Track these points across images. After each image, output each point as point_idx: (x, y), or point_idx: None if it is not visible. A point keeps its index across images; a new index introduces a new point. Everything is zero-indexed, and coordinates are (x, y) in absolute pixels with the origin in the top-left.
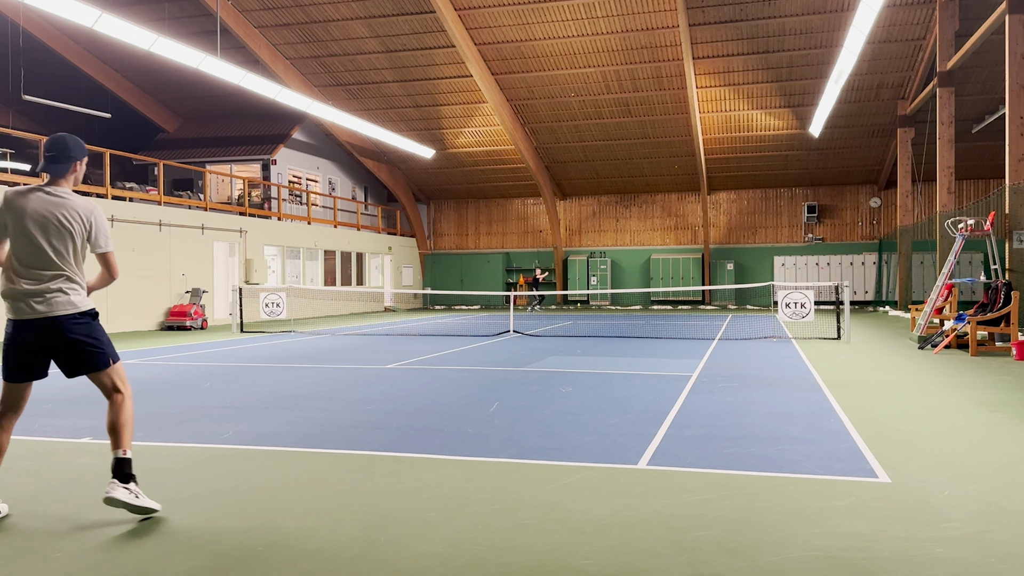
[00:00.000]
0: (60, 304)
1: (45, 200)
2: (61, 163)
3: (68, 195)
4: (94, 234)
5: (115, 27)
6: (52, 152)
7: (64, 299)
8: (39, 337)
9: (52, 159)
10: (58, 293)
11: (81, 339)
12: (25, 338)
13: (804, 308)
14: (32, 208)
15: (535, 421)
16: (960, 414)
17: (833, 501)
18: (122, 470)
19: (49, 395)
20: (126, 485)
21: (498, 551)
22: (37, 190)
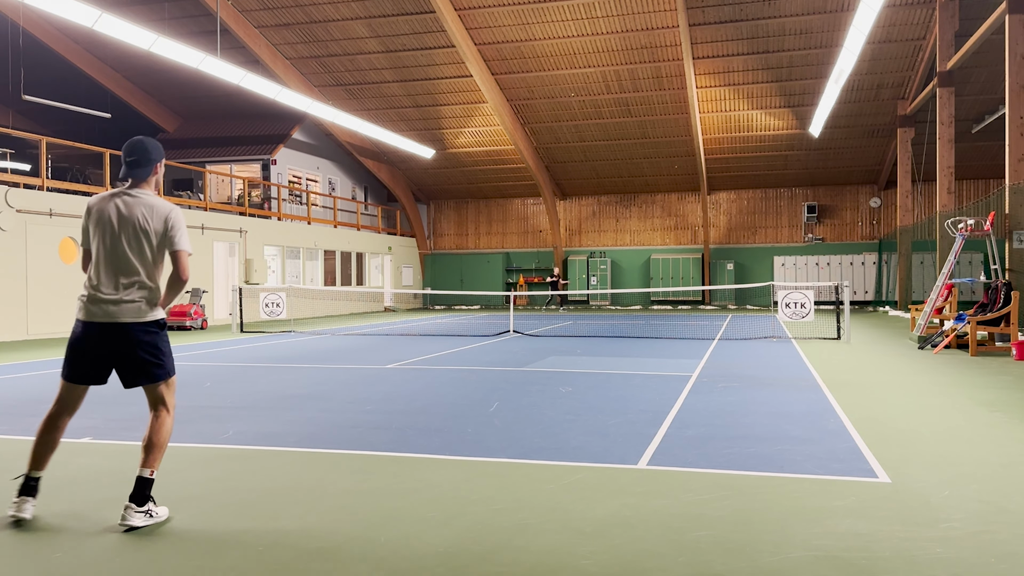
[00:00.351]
0: (131, 310)
1: (127, 204)
2: (143, 167)
3: (149, 197)
4: (171, 232)
5: (115, 27)
6: (134, 156)
7: (136, 306)
8: (104, 342)
9: (134, 163)
10: (132, 299)
11: (145, 349)
12: (90, 341)
13: (804, 308)
14: (114, 213)
15: (535, 421)
16: (960, 414)
17: (833, 501)
18: (142, 491)
19: (49, 395)
20: (142, 509)
21: (498, 551)
22: (119, 194)
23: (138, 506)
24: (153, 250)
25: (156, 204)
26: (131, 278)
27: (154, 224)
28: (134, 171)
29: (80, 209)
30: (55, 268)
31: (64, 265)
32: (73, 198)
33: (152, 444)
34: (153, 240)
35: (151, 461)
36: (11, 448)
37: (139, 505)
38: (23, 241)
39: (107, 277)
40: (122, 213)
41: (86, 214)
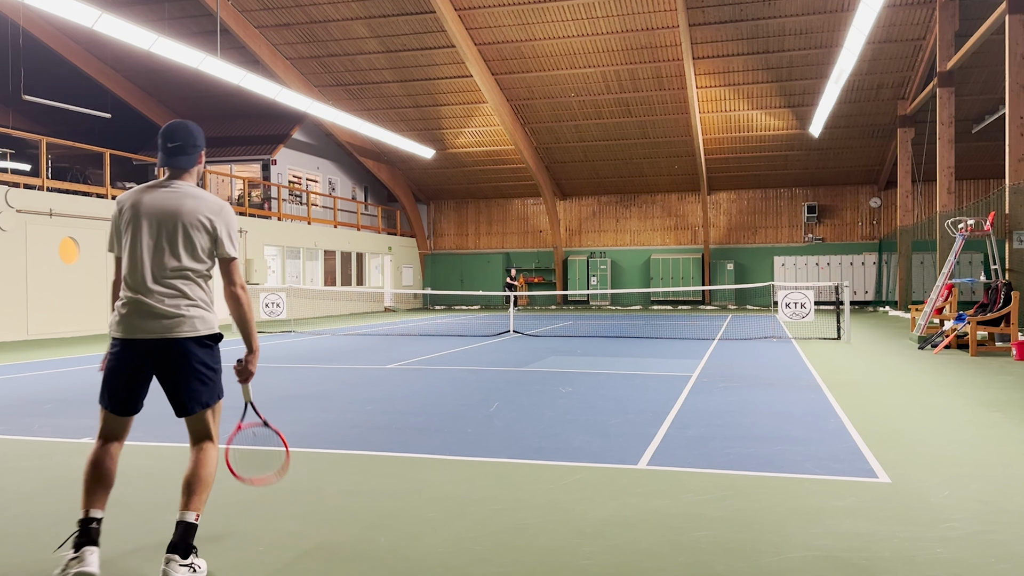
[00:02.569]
0: (182, 322)
1: (168, 198)
2: (188, 154)
3: (194, 191)
4: (221, 235)
5: (115, 27)
6: (177, 142)
7: (187, 317)
8: (152, 361)
9: (177, 150)
10: (181, 310)
11: (198, 368)
12: (133, 361)
13: (804, 308)
14: (153, 208)
15: (535, 421)
16: (960, 414)
17: (833, 501)
18: (185, 540)
19: (49, 395)
20: (186, 562)
21: (498, 551)
22: (158, 187)
23: (182, 558)
24: (204, 255)
25: (205, 197)
26: (177, 284)
27: (202, 220)
28: (176, 159)
29: (80, 209)
30: (55, 268)
31: (64, 265)
32: (73, 198)
33: (196, 481)
34: (205, 244)
35: (195, 503)
36: (11, 448)
37: (183, 557)
38: (23, 241)
39: (149, 285)
40: (163, 209)
41: (116, 213)
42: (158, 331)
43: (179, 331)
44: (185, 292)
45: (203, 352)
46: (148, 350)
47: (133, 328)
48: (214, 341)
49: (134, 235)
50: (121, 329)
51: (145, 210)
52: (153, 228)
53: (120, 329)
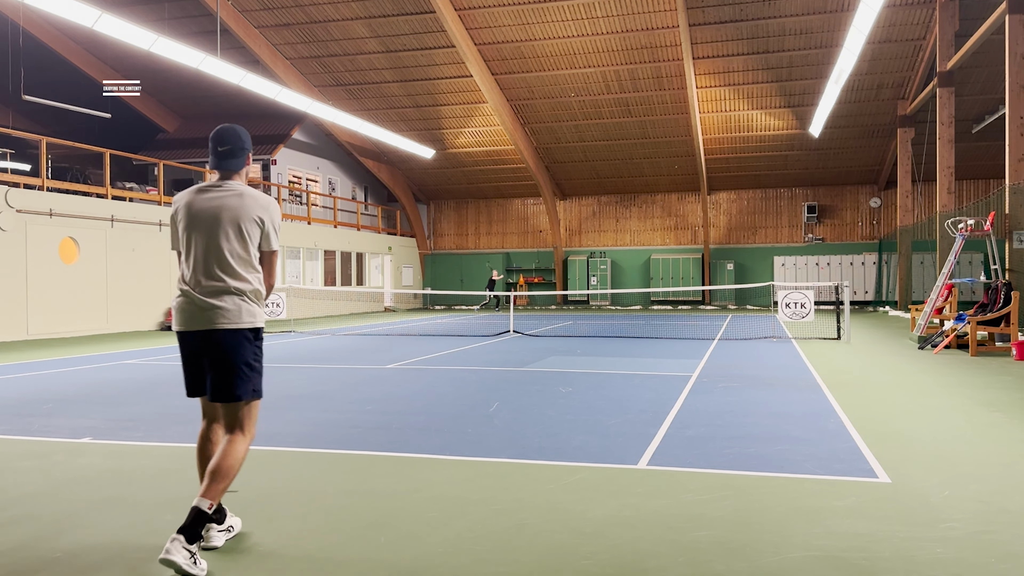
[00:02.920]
0: (227, 315)
1: (221, 198)
2: (237, 156)
3: (245, 189)
4: (267, 230)
5: (115, 27)
6: (227, 145)
7: (235, 311)
8: (202, 348)
9: (228, 153)
10: (231, 303)
11: (237, 360)
12: (188, 350)
13: (804, 308)
14: (206, 208)
15: (535, 421)
16: (960, 414)
17: (833, 501)
18: (195, 527)
19: (49, 395)
20: (189, 546)
21: (498, 551)
22: (211, 188)
23: (187, 541)
24: (252, 247)
25: (253, 196)
26: (226, 280)
27: (252, 215)
28: (226, 161)
29: (80, 209)
30: (55, 268)
31: (64, 265)
32: (73, 198)
33: (219, 469)
34: (254, 239)
35: (212, 491)
36: (11, 448)
37: (188, 541)
38: (23, 241)
39: (200, 280)
40: (216, 206)
41: (173, 213)
42: (204, 323)
43: (222, 323)
44: (232, 287)
45: (244, 345)
46: (198, 340)
47: (185, 321)
48: (256, 336)
49: (188, 234)
50: (176, 322)
51: (199, 210)
52: (206, 227)
53: (176, 322)
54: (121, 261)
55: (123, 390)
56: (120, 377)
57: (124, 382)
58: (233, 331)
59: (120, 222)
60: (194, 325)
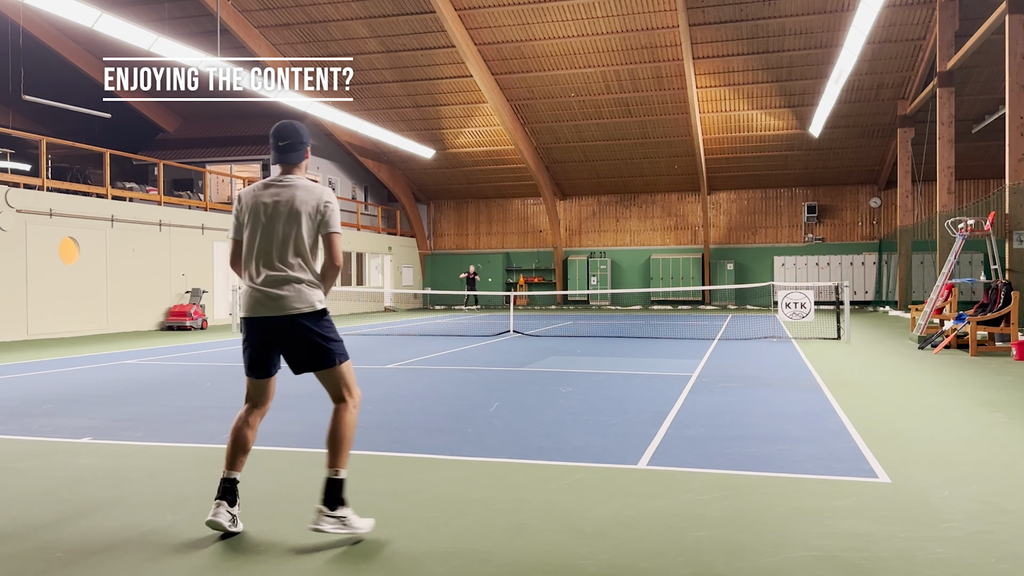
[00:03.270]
0: (294, 299)
1: (284, 192)
2: (297, 151)
3: (305, 182)
4: (328, 216)
5: (115, 27)
6: (286, 140)
7: (298, 295)
8: (271, 333)
9: (287, 148)
10: (295, 290)
11: (312, 336)
12: (259, 335)
13: (804, 308)
14: (270, 201)
15: (535, 421)
16: (960, 414)
17: (833, 501)
18: (333, 494)
19: (49, 395)
20: (333, 513)
21: (498, 551)
22: (273, 183)
23: (330, 509)
24: (312, 236)
25: (312, 187)
26: (292, 267)
27: (311, 205)
28: (287, 156)
29: (80, 209)
30: (55, 268)
31: (64, 265)
32: (73, 198)
33: (335, 439)
34: (311, 225)
35: (337, 460)
36: (11, 448)
37: (331, 509)
38: (23, 241)
39: (267, 268)
40: (279, 201)
41: (237, 203)
42: (275, 310)
43: (290, 309)
44: (296, 275)
45: (314, 323)
46: (269, 326)
47: (254, 308)
48: (322, 314)
49: (253, 226)
50: (245, 309)
51: (263, 204)
52: (268, 221)
53: (245, 309)
54: (121, 261)
55: (123, 390)
56: (120, 377)
57: (124, 382)
58: (299, 315)
59: (120, 222)
60: (262, 311)
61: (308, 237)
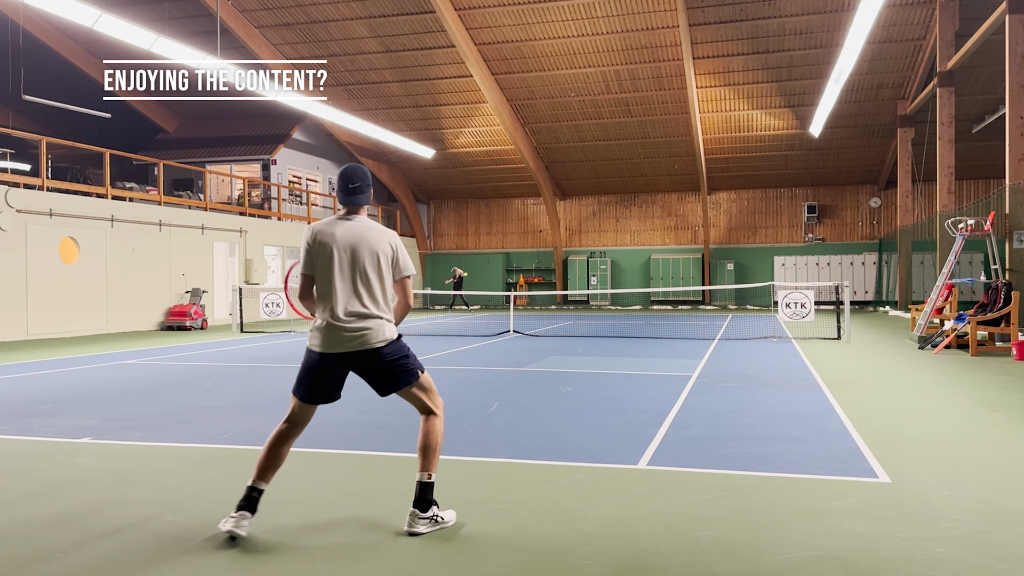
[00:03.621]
0: (371, 335)
1: (354, 229)
2: (364, 193)
3: (371, 223)
4: (399, 259)
5: (115, 27)
6: (356, 184)
7: (374, 331)
8: (348, 366)
9: (356, 190)
10: (371, 324)
11: (389, 362)
12: (330, 369)
13: (804, 308)
14: (343, 239)
15: (535, 421)
16: (960, 414)
17: (833, 501)
18: (424, 496)
19: (49, 395)
20: (426, 515)
21: (498, 551)
22: (344, 220)
23: (422, 512)
24: (384, 276)
25: (380, 228)
26: (373, 302)
27: (384, 251)
28: (355, 197)
29: (80, 209)
30: (55, 268)
31: (64, 265)
32: (73, 198)
33: (426, 447)
34: (385, 266)
35: (428, 465)
36: (11, 448)
37: (423, 511)
38: (23, 241)
39: (345, 303)
40: (352, 238)
41: (311, 239)
42: (350, 346)
43: (370, 344)
44: (370, 311)
45: (388, 349)
46: (345, 360)
47: (329, 344)
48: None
49: (327, 262)
50: (318, 344)
51: (335, 240)
52: (343, 256)
53: (317, 344)
54: (121, 261)
55: (123, 390)
56: (120, 377)
57: (124, 382)
58: (376, 348)
59: (120, 222)
60: (343, 347)
61: (383, 277)
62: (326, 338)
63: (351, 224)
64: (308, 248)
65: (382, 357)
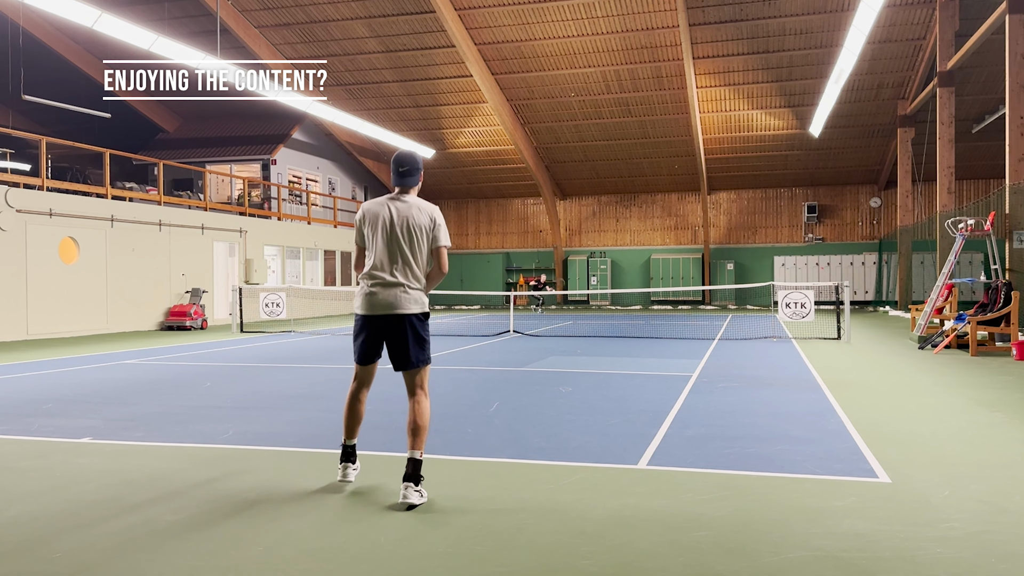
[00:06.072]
0: (407, 301)
1: (403, 208)
2: (413, 176)
3: (419, 201)
4: (437, 231)
5: (115, 27)
6: (406, 167)
7: (411, 297)
8: (383, 329)
9: (407, 173)
10: (407, 292)
11: (415, 337)
12: (372, 330)
13: (804, 308)
14: (390, 215)
15: (535, 421)
16: (960, 414)
17: (833, 501)
18: (416, 471)
19: (49, 395)
20: (418, 488)
21: (498, 551)
22: (395, 200)
23: (415, 485)
24: (424, 246)
25: (423, 205)
26: (407, 272)
27: (424, 222)
28: (405, 179)
29: (80, 209)
30: (55, 268)
31: (64, 265)
32: (73, 198)
33: (417, 427)
34: (424, 237)
35: (419, 443)
36: (11, 448)
37: (416, 484)
38: (23, 241)
39: (381, 272)
40: (398, 215)
41: (361, 216)
42: (389, 309)
43: (402, 309)
44: (408, 281)
45: (418, 324)
46: (381, 322)
47: (371, 307)
48: (425, 317)
49: (373, 236)
50: (363, 307)
51: (380, 217)
52: (390, 231)
53: (363, 307)
54: (121, 261)
55: (123, 390)
56: (120, 377)
57: (124, 382)
58: (408, 315)
59: (120, 222)
60: (380, 311)
61: (422, 248)
62: (364, 302)
63: (399, 203)
64: (359, 222)
65: (409, 328)
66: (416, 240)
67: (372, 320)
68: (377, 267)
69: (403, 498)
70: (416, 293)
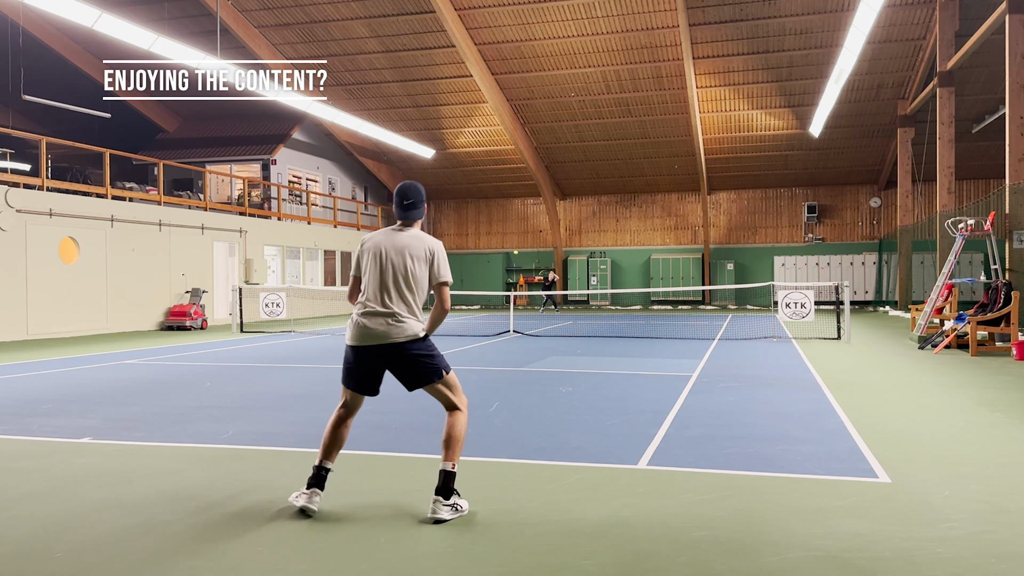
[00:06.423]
0: (400, 331)
1: (399, 239)
2: (417, 208)
3: (419, 234)
4: (437, 265)
5: (115, 27)
6: (410, 200)
7: (404, 327)
8: (378, 360)
9: (411, 206)
10: (400, 320)
11: (416, 358)
12: (365, 361)
13: (804, 308)
14: (390, 249)
15: (535, 421)
16: (960, 414)
17: (833, 501)
18: (447, 485)
19: (49, 395)
20: (448, 502)
21: (498, 551)
22: (397, 232)
23: (445, 499)
24: (422, 280)
25: (424, 238)
26: (400, 304)
27: (423, 255)
28: (410, 212)
29: (80, 209)
30: (55, 268)
31: (64, 265)
32: (73, 198)
33: (450, 439)
34: (418, 269)
35: (451, 456)
36: (11, 448)
37: (445, 498)
38: (23, 241)
39: (373, 302)
40: (396, 246)
41: (361, 247)
42: (380, 339)
43: (393, 339)
44: (393, 310)
45: (416, 346)
46: (377, 353)
47: (362, 338)
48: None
49: (372, 266)
50: (354, 338)
51: (384, 249)
52: (383, 262)
53: (353, 338)
54: (121, 261)
55: (123, 390)
56: (120, 377)
57: (124, 382)
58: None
59: (120, 222)
60: (369, 341)
61: (415, 281)
62: (354, 332)
63: (400, 235)
64: (358, 253)
65: (405, 351)
66: (411, 272)
67: (363, 352)
68: (370, 297)
69: (432, 512)
70: (410, 322)
